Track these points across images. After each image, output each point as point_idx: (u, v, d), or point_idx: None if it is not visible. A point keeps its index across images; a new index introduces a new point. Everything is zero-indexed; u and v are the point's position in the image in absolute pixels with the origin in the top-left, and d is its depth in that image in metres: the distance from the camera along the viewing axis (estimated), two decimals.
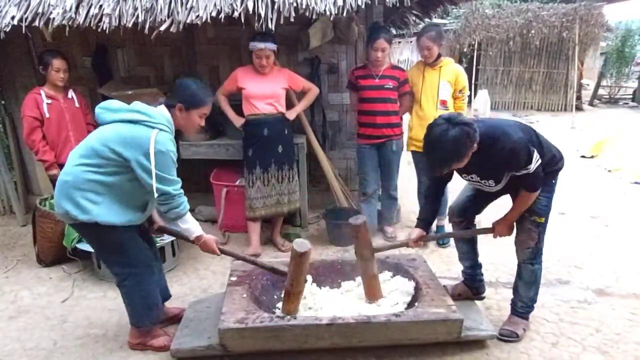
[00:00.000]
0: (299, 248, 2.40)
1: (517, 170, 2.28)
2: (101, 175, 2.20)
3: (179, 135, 3.93)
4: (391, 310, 2.54)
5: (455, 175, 2.55)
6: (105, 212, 2.22)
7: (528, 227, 2.47)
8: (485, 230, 2.64)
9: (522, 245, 2.53)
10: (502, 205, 2.62)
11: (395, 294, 2.73)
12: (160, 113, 2.28)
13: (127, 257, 2.36)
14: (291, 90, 3.71)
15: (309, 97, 3.75)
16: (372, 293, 2.68)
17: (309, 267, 2.89)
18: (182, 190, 2.30)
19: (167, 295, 2.77)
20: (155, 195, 2.19)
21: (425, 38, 3.52)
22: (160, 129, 2.21)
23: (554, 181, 2.49)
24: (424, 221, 2.66)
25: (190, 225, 2.39)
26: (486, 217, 2.77)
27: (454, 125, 2.13)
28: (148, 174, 2.16)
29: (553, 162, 2.44)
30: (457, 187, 2.82)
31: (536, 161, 2.24)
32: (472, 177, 2.48)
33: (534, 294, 2.63)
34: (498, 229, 2.53)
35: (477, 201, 2.68)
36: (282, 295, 2.60)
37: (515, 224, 2.52)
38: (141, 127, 2.19)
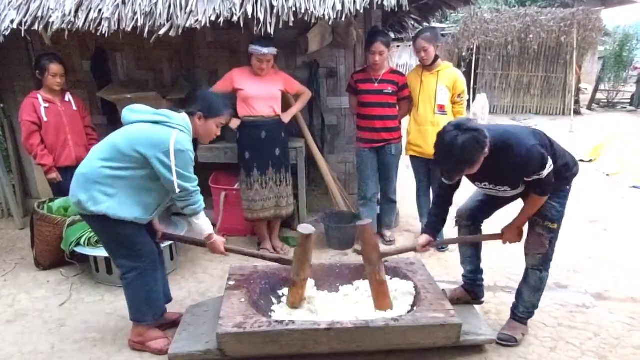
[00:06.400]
0: (304, 231, 2.44)
1: (529, 176, 2.26)
2: (118, 170, 2.29)
3: None
4: (394, 314, 2.53)
5: (464, 179, 2.51)
6: (116, 205, 2.29)
7: (540, 232, 2.45)
8: (493, 236, 2.60)
9: (533, 251, 2.50)
10: (502, 216, 2.63)
11: (398, 296, 2.71)
12: (182, 118, 2.40)
13: (134, 250, 2.41)
14: (286, 92, 3.72)
15: (303, 100, 3.76)
16: (381, 302, 2.60)
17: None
18: (199, 188, 2.39)
19: (168, 298, 2.79)
20: (177, 191, 2.28)
21: (420, 40, 3.53)
22: (180, 130, 2.33)
23: (568, 187, 2.47)
24: (431, 227, 2.65)
25: (203, 223, 2.46)
26: (487, 224, 2.76)
27: (463, 132, 2.11)
28: (169, 171, 2.26)
29: (567, 168, 2.42)
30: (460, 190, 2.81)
31: (549, 167, 2.23)
32: (485, 185, 2.46)
33: (537, 299, 2.62)
34: (507, 234, 2.51)
35: (487, 206, 2.66)
36: (288, 290, 2.67)
37: (527, 229, 2.50)
38: (162, 127, 2.31)
